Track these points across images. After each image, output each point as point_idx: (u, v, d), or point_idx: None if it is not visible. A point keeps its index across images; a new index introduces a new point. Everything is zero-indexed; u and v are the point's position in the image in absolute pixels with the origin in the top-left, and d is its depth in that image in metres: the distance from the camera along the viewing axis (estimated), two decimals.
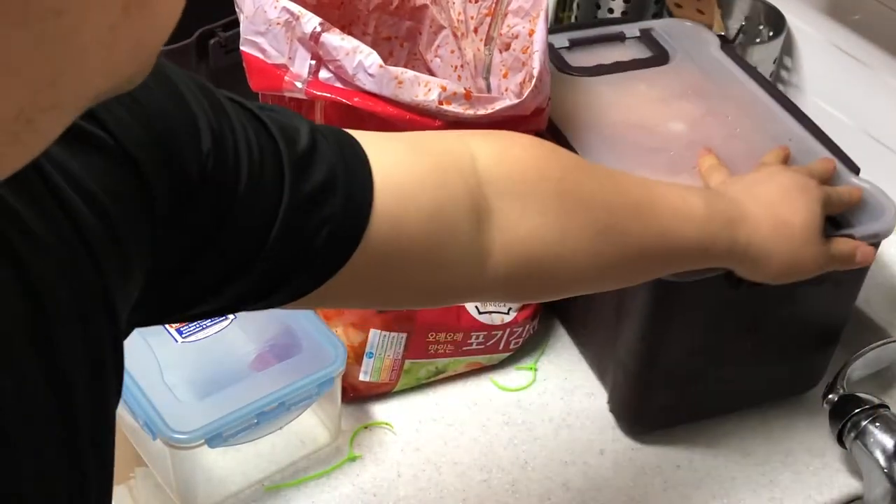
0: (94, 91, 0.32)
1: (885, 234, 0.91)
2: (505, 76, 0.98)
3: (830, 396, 0.97)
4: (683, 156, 0.98)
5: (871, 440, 0.92)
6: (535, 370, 1.06)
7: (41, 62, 0.28)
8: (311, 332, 0.94)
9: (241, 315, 0.93)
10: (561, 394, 1.04)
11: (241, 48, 0.89)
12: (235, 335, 0.95)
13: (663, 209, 0.76)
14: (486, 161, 0.68)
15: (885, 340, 1.03)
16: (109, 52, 0.31)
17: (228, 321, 0.95)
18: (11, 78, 0.28)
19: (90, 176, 0.47)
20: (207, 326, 0.95)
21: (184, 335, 0.94)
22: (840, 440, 0.95)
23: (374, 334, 0.97)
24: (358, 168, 0.61)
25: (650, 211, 0.75)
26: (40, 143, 0.32)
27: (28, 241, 0.43)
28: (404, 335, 0.98)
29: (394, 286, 0.67)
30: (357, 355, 0.98)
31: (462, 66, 1.05)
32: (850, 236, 0.88)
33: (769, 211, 0.82)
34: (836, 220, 0.91)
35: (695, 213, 0.77)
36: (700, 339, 0.92)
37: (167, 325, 0.93)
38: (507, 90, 0.97)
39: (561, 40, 1.11)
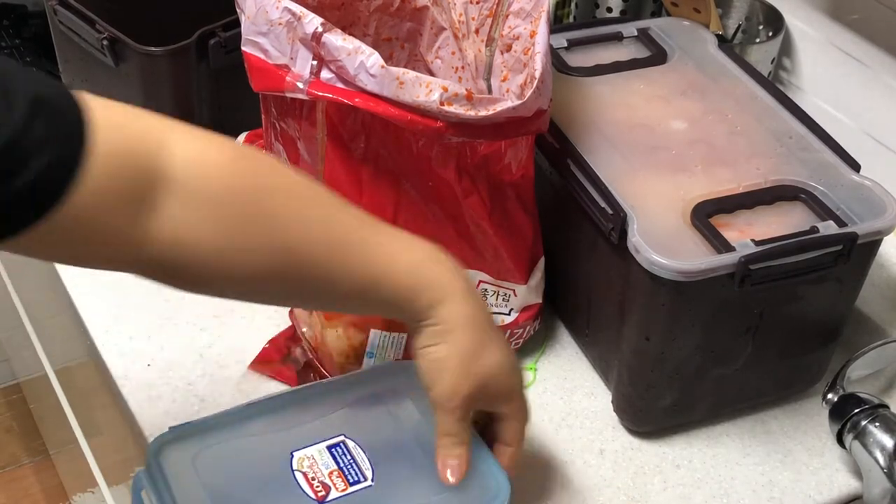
0: None
1: (886, 232, 0.91)
2: (505, 79, 0.98)
3: (830, 396, 0.97)
4: (685, 154, 0.98)
5: (871, 440, 0.92)
6: (535, 370, 1.06)
7: None
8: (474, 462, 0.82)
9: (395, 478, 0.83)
10: (561, 394, 1.04)
11: (243, 48, 0.89)
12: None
13: (365, 251, 0.75)
14: (178, 155, 0.68)
15: (885, 340, 1.03)
16: None
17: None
18: None
19: None
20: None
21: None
22: (840, 440, 0.95)
23: (374, 334, 0.97)
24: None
25: (345, 246, 0.74)
26: None
27: None
28: (405, 335, 0.98)
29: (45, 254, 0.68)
30: (357, 355, 0.98)
31: (463, 67, 1.05)
32: (853, 234, 0.88)
33: (476, 327, 0.79)
34: (836, 218, 0.91)
35: (399, 267, 0.76)
36: (703, 338, 0.92)
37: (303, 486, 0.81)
38: (508, 91, 0.97)
39: (559, 41, 1.11)
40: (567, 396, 1.04)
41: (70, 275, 1.14)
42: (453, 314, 0.77)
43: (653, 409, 0.99)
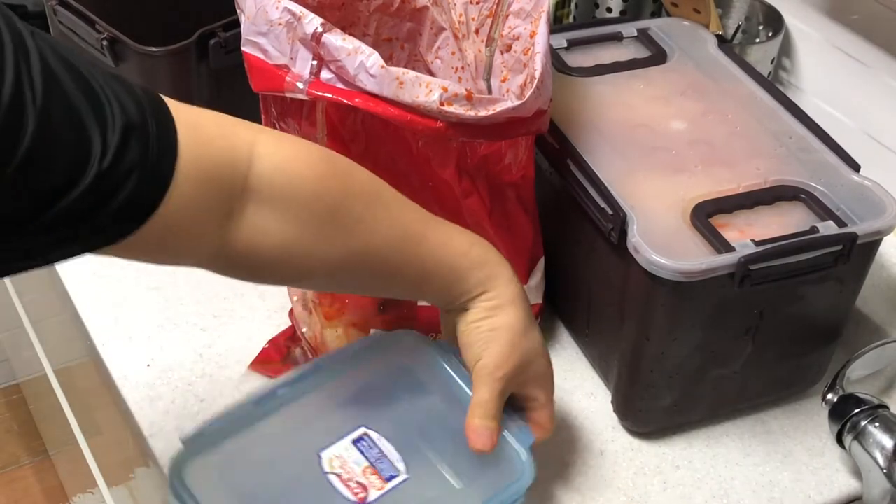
0: None
1: (886, 232, 0.91)
2: (505, 79, 0.98)
3: (830, 396, 0.97)
4: (685, 154, 0.98)
5: (871, 440, 0.92)
6: None
7: None
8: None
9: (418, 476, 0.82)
10: (561, 394, 1.04)
11: (243, 49, 0.89)
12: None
13: (423, 263, 0.80)
14: (265, 165, 0.71)
15: (885, 340, 1.03)
16: None
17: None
18: None
19: None
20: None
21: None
22: (839, 440, 0.95)
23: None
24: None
25: (417, 241, 0.79)
26: None
27: None
28: None
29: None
30: None
31: (463, 67, 1.05)
32: (853, 234, 0.88)
33: (518, 314, 0.83)
34: (836, 218, 0.91)
35: (461, 253, 0.81)
36: (703, 338, 0.92)
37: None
38: (508, 92, 0.97)
39: (559, 41, 1.11)
40: (567, 396, 1.04)
41: (70, 275, 1.14)
42: (505, 290, 0.83)
43: (653, 410, 0.99)
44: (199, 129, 0.68)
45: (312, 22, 0.84)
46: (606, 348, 1.02)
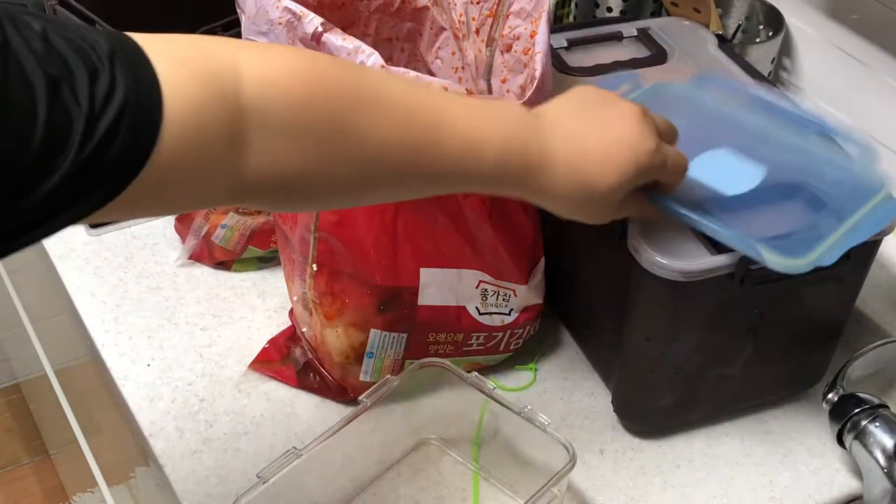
0: None
1: (887, 232, 0.91)
2: (505, 79, 0.98)
3: (830, 396, 0.97)
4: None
5: (871, 440, 0.92)
6: (535, 370, 1.06)
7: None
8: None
9: None
10: (561, 394, 1.04)
11: None
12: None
13: (449, 150, 0.73)
14: (252, 80, 0.65)
15: (884, 340, 1.03)
16: None
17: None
18: None
19: None
20: None
21: None
22: (840, 440, 0.95)
23: (374, 334, 0.97)
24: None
25: (432, 150, 0.72)
26: None
27: None
28: (405, 335, 0.98)
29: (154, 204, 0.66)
30: (357, 355, 0.98)
31: (463, 67, 1.05)
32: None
33: (577, 166, 0.77)
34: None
35: (484, 161, 0.74)
36: (703, 338, 0.92)
37: None
38: (508, 92, 0.97)
39: (559, 40, 1.11)
40: (567, 396, 1.04)
41: (70, 275, 1.14)
42: (555, 176, 0.77)
43: (653, 409, 0.99)
44: (176, 55, 0.63)
45: (313, 21, 0.84)
46: (607, 348, 1.02)
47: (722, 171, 0.91)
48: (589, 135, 0.78)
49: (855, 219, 0.88)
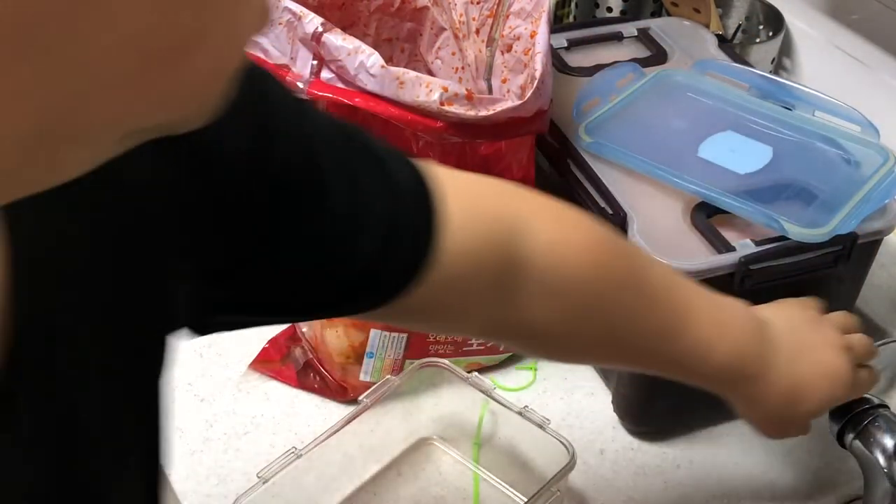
0: (126, 128, 0.32)
1: (887, 232, 0.92)
2: (505, 80, 0.98)
3: None
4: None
5: (871, 440, 0.92)
6: (535, 370, 1.06)
7: (51, 93, 0.29)
8: None
9: None
10: (561, 394, 1.04)
11: None
12: None
13: (684, 344, 0.75)
14: (536, 244, 0.68)
15: (885, 340, 1.03)
16: (135, 93, 0.30)
17: None
18: (22, 102, 0.28)
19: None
20: None
21: None
22: (840, 440, 0.95)
23: (374, 334, 0.97)
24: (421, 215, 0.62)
25: (670, 339, 0.75)
26: (64, 167, 0.32)
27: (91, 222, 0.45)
28: (405, 335, 0.98)
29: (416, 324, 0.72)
30: (357, 355, 0.98)
31: (463, 67, 1.05)
32: (853, 234, 0.88)
33: (788, 387, 0.80)
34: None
35: (709, 362, 0.77)
36: None
37: None
38: (508, 92, 0.97)
39: (559, 41, 1.11)
40: (567, 396, 1.04)
41: None
42: (770, 385, 0.80)
43: (653, 409, 0.99)
44: (468, 194, 0.66)
45: (313, 21, 0.84)
46: None
47: (731, 151, 0.94)
48: (803, 360, 0.81)
49: (866, 188, 0.91)
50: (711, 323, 0.76)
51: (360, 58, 0.83)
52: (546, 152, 1.01)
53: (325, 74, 0.85)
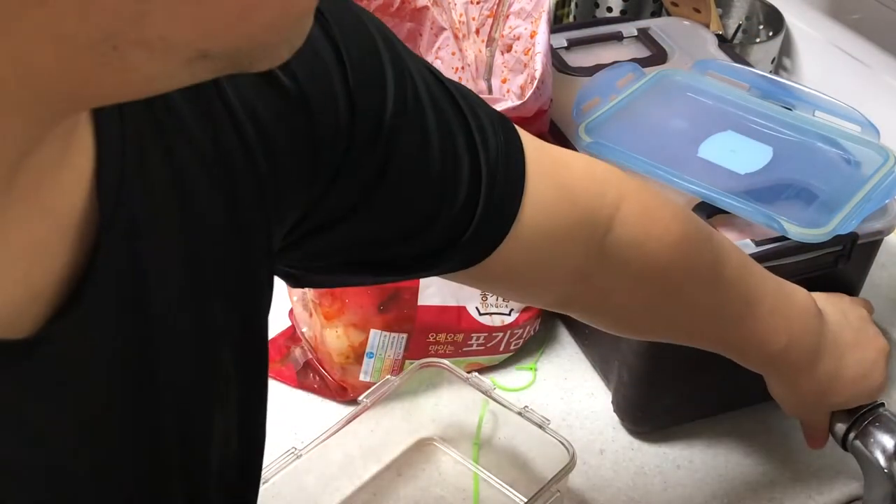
0: (193, 47, 0.32)
1: (887, 232, 0.92)
2: (505, 80, 0.98)
3: None
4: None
5: (871, 440, 0.92)
6: (535, 370, 1.06)
7: None
8: None
9: None
10: (561, 394, 1.04)
11: None
12: None
13: (748, 330, 0.79)
14: (622, 233, 0.69)
15: None
16: (199, 10, 0.31)
17: None
18: (93, 5, 0.29)
19: (267, 109, 0.49)
20: None
21: None
22: (840, 440, 0.95)
23: (374, 335, 0.97)
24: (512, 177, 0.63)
25: (735, 324, 0.78)
26: (136, 78, 0.32)
27: (191, 151, 0.46)
28: (405, 336, 0.98)
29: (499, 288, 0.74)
30: (357, 355, 0.98)
31: (463, 67, 1.05)
32: (853, 234, 0.88)
33: (829, 380, 0.84)
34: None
35: (767, 349, 0.80)
36: None
37: None
38: (508, 92, 0.97)
39: (559, 40, 1.11)
40: (567, 396, 1.04)
41: None
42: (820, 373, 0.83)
43: (653, 409, 0.99)
44: (560, 171, 0.67)
45: None
46: (607, 348, 1.02)
47: (731, 151, 0.95)
48: (848, 357, 0.84)
49: (867, 188, 0.91)
50: (774, 313, 0.79)
51: None
52: None
53: None
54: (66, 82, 0.32)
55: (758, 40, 1.39)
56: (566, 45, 1.12)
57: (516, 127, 0.64)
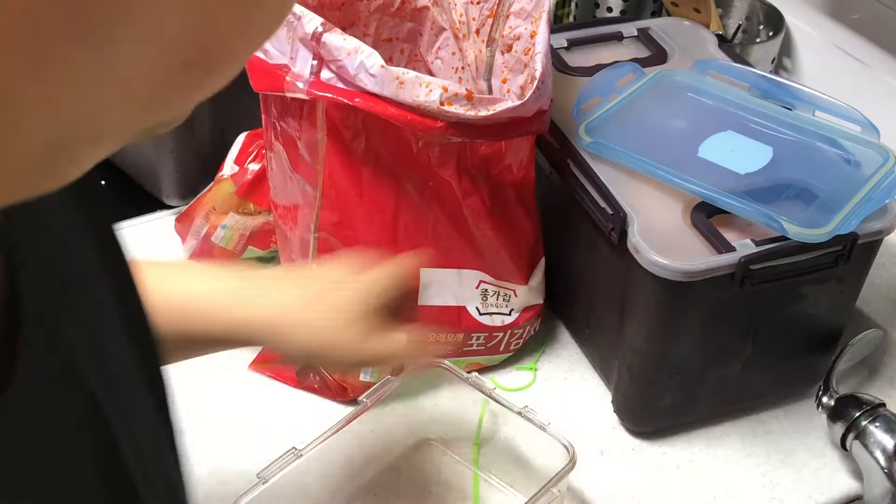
0: (133, 130, 0.31)
1: (887, 232, 0.92)
2: (505, 80, 0.98)
3: (826, 400, 0.97)
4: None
5: (871, 440, 0.92)
6: (535, 370, 1.06)
7: (89, 94, 0.28)
8: None
9: None
10: (561, 394, 1.04)
11: None
12: None
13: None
14: None
15: (861, 335, 1.03)
16: (159, 95, 0.30)
17: None
18: (42, 115, 0.27)
19: None
20: None
21: None
22: (840, 440, 0.95)
23: None
24: None
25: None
26: (80, 169, 0.31)
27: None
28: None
29: None
30: None
31: (463, 67, 1.05)
32: (853, 234, 0.88)
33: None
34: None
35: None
36: (703, 338, 0.92)
37: None
38: (508, 92, 0.97)
39: (559, 40, 1.11)
40: (567, 396, 1.04)
41: None
42: None
43: (653, 409, 0.99)
44: None
45: (312, 21, 0.84)
46: (607, 348, 1.02)
47: (731, 151, 0.95)
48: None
49: (867, 188, 0.91)
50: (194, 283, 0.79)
51: (360, 58, 0.83)
52: (546, 152, 1.01)
53: (325, 74, 0.85)
54: None
55: (758, 40, 1.39)
56: (566, 45, 1.12)
57: None
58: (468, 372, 0.95)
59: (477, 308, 0.99)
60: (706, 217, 0.90)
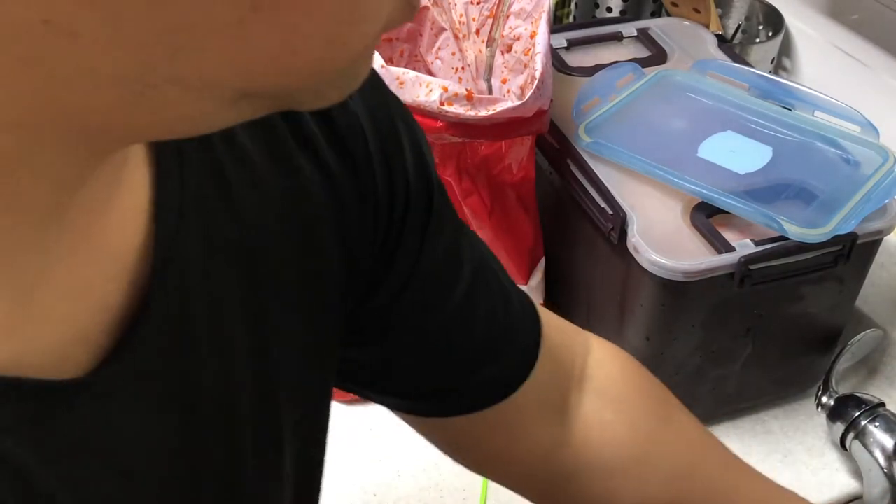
0: (235, 86, 0.31)
1: (886, 232, 0.92)
2: (504, 80, 0.98)
3: (825, 400, 0.97)
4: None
5: (871, 440, 0.92)
6: None
7: (152, 32, 0.28)
8: None
9: None
10: None
11: None
12: None
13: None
14: (599, 366, 0.69)
15: (860, 335, 1.03)
16: (235, 49, 0.29)
17: None
18: (125, 38, 0.28)
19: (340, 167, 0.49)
20: None
21: None
22: (840, 440, 0.95)
23: None
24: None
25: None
26: (173, 116, 0.31)
27: (258, 194, 0.45)
28: None
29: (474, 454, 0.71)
30: None
31: (463, 67, 1.05)
32: (853, 234, 0.89)
33: None
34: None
35: None
36: (703, 338, 0.92)
37: None
38: (508, 92, 0.97)
39: (559, 41, 1.11)
40: None
41: None
42: None
43: None
44: (548, 319, 0.67)
45: None
46: None
47: (731, 151, 0.95)
48: None
49: (866, 188, 0.91)
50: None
51: None
52: (546, 152, 1.01)
53: None
54: (99, 118, 0.30)
55: (757, 40, 1.39)
56: (566, 45, 1.12)
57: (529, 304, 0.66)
58: None
59: None
60: (706, 217, 0.90)
